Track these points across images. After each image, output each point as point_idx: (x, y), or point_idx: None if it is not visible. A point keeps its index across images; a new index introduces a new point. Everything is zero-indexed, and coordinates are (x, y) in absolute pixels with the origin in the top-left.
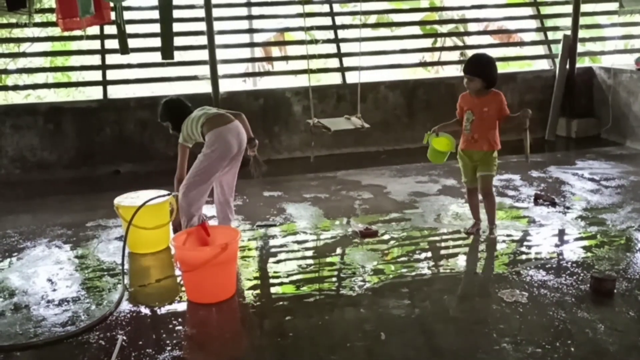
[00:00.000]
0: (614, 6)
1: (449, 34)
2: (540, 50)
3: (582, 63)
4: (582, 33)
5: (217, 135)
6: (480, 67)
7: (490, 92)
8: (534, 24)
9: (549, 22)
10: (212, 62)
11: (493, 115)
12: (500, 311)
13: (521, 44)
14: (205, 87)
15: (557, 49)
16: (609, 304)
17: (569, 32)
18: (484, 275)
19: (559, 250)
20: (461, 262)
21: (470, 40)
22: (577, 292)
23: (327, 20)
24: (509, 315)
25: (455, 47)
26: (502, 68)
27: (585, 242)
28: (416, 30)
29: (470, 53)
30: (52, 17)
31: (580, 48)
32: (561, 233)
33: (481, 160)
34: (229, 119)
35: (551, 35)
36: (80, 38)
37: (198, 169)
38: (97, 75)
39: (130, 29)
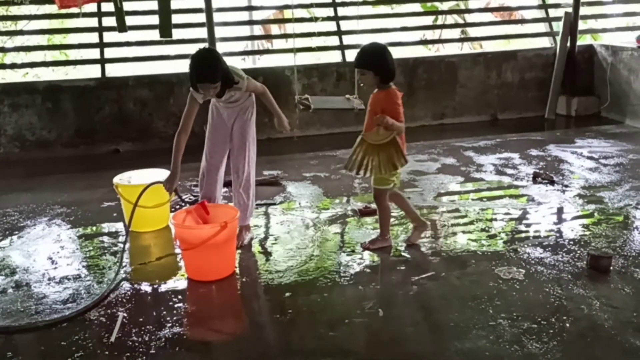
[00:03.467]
0: None
1: (450, 12)
2: (542, 27)
3: (584, 41)
4: (583, 10)
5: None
6: (370, 59)
7: (385, 89)
8: (535, 0)
9: None
10: (211, 40)
11: (372, 118)
12: (497, 288)
13: (522, 21)
14: None
15: (558, 26)
16: (605, 280)
17: (570, 10)
18: (482, 253)
19: (556, 228)
20: (459, 240)
21: (471, 17)
22: (573, 269)
23: None
24: (505, 292)
25: (456, 25)
26: (503, 46)
27: (583, 220)
28: (417, 7)
29: (471, 31)
30: None
31: (581, 25)
32: (559, 211)
33: None
34: None
35: (552, 12)
36: (77, 15)
37: (254, 148)
38: (95, 54)
39: (127, 6)
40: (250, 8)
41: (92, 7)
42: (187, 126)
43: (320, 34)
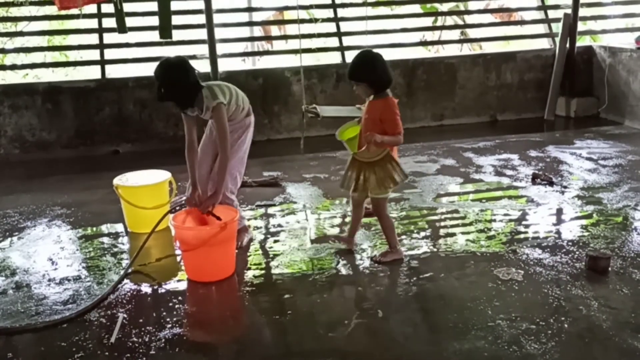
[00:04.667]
0: None
1: (450, 13)
2: (541, 29)
3: (583, 42)
4: (582, 11)
5: (252, 120)
6: (361, 70)
7: (382, 98)
8: (534, 2)
9: (550, 1)
10: (211, 41)
11: (370, 126)
12: (496, 289)
13: (521, 22)
14: (204, 66)
15: (558, 27)
16: (604, 281)
17: (569, 11)
18: (481, 254)
19: (555, 229)
20: (459, 241)
21: (470, 18)
22: (572, 270)
23: None
24: (504, 293)
25: (455, 26)
26: (502, 47)
27: (582, 221)
28: (416, 8)
29: (470, 32)
30: None
31: (580, 27)
32: (558, 212)
33: None
34: None
35: (552, 13)
36: (77, 17)
37: (242, 149)
38: (95, 55)
39: (127, 7)
40: (250, 9)
41: (92, 9)
42: (189, 142)
43: (319, 35)
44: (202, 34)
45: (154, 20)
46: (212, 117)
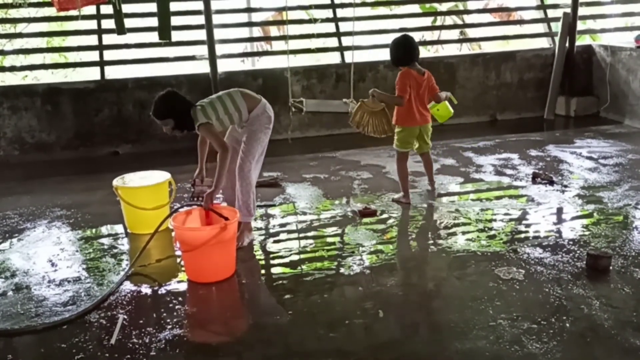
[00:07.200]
0: None
1: (449, 13)
2: (540, 28)
3: (582, 41)
4: (582, 11)
5: (265, 108)
6: (390, 49)
7: (402, 69)
8: (534, 1)
9: (549, 0)
10: (210, 42)
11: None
12: (497, 288)
13: (521, 22)
14: (203, 67)
15: (557, 27)
16: (605, 280)
17: (568, 10)
18: (482, 253)
19: (556, 228)
20: (459, 240)
21: (470, 18)
22: (573, 269)
23: None
24: (505, 292)
25: (455, 26)
26: (501, 46)
27: (583, 220)
28: (415, 8)
29: (470, 31)
30: None
31: (580, 26)
32: (559, 211)
33: None
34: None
35: (551, 13)
36: (76, 18)
37: (257, 148)
38: (94, 56)
39: (126, 8)
40: (249, 10)
41: (91, 10)
42: (201, 137)
43: (319, 35)
44: (202, 34)
45: (153, 21)
46: (202, 134)
